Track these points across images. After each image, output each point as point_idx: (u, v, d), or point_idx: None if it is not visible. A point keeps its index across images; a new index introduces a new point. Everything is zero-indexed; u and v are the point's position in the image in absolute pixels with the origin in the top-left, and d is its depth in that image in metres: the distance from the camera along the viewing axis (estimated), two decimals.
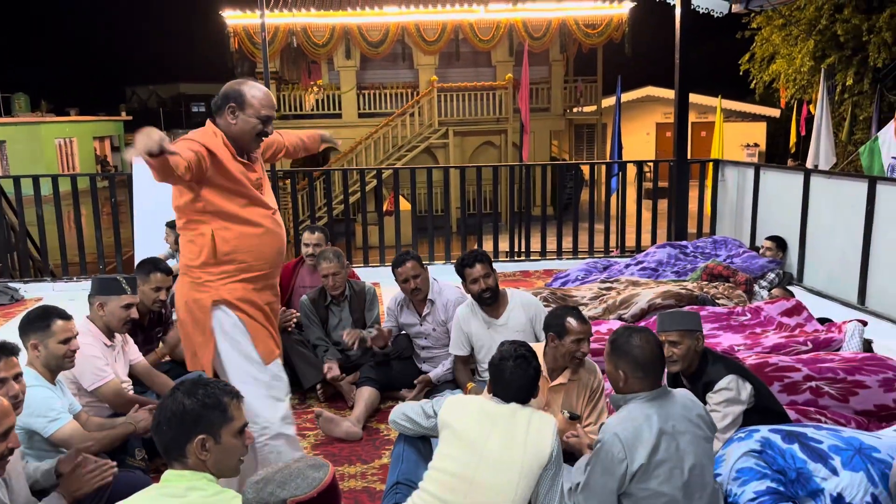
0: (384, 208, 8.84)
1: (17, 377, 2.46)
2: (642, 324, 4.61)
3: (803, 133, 16.15)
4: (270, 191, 2.95)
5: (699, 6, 7.43)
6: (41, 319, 2.87)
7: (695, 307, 4.56)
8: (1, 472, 2.07)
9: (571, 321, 3.02)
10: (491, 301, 3.77)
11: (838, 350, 3.87)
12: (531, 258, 7.97)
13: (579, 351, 3.04)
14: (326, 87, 20.18)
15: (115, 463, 2.57)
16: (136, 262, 6.49)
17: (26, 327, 2.88)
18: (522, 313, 3.78)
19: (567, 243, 7.85)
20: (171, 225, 6.12)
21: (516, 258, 8.08)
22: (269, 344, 2.85)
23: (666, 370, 3.02)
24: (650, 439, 2.33)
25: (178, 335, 4.02)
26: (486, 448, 2.40)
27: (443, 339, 4.22)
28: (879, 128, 10.33)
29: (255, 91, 2.74)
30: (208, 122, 2.79)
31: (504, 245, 8.14)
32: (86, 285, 6.67)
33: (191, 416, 1.81)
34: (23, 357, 2.59)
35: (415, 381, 4.14)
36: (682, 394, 2.54)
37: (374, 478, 3.34)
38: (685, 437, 2.38)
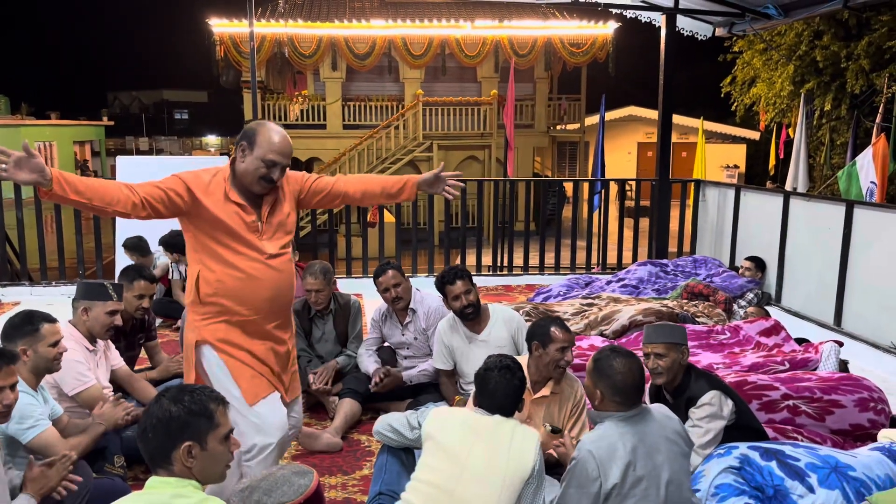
0: (368, 219, 8.82)
1: (13, 386, 2.44)
2: (623, 340, 4.66)
3: (782, 156, 16.39)
4: (280, 236, 2.81)
5: (684, 29, 7.57)
6: (29, 324, 2.85)
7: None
8: None
9: (555, 330, 3.06)
10: (473, 316, 3.77)
11: (815, 370, 3.93)
12: (513, 273, 8.01)
13: (563, 360, 3.06)
14: (312, 97, 20.21)
15: (74, 455, 2.54)
16: (118, 267, 6.45)
17: (12, 334, 2.84)
18: (504, 328, 3.79)
19: (549, 259, 7.92)
20: (161, 243, 5.86)
21: (499, 272, 8.12)
22: (253, 384, 2.72)
23: (649, 383, 3.05)
24: (624, 457, 2.34)
25: (163, 357, 4.07)
26: (469, 460, 2.41)
27: (424, 349, 4.22)
28: (856, 153, 10.51)
29: (269, 134, 2.69)
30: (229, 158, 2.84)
31: (487, 259, 8.17)
32: (64, 290, 6.67)
33: (177, 423, 1.80)
34: None
35: (383, 373, 4.06)
36: (659, 410, 2.55)
37: (354, 489, 3.33)
38: (661, 455, 2.39)
